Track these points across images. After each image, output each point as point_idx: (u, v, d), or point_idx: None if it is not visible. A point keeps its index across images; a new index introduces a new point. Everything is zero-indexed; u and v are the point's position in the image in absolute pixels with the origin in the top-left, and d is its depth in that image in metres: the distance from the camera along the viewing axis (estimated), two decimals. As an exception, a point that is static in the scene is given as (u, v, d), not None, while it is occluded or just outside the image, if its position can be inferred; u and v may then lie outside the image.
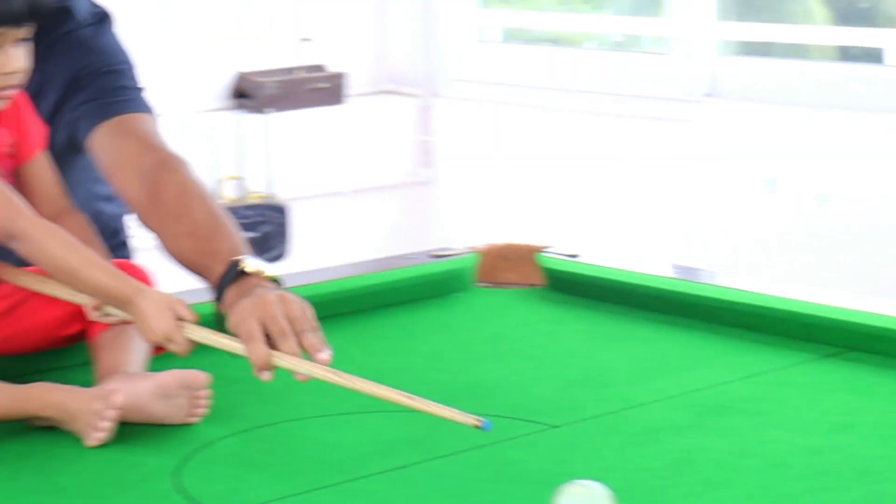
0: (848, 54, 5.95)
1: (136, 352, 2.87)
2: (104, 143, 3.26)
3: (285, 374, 2.71)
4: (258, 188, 6.10)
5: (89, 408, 2.59)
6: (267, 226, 6.01)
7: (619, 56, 6.35)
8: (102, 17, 3.45)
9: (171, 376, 2.68)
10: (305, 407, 2.85)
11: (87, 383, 2.72)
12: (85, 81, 3.34)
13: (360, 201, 6.40)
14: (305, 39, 6.24)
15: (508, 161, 6.18)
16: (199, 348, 2.74)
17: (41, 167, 3.08)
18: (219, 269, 2.84)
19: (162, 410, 2.67)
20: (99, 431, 2.56)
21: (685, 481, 2.41)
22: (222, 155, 6.04)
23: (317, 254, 5.75)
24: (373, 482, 2.44)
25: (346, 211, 6.37)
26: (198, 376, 2.69)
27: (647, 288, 3.46)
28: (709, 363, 3.12)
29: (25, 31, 2.87)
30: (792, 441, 2.56)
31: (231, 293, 2.78)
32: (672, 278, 3.48)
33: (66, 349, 3.00)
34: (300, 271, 3.46)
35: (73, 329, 2.95)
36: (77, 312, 2.91)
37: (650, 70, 5.94)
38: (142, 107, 3.34)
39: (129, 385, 2.67)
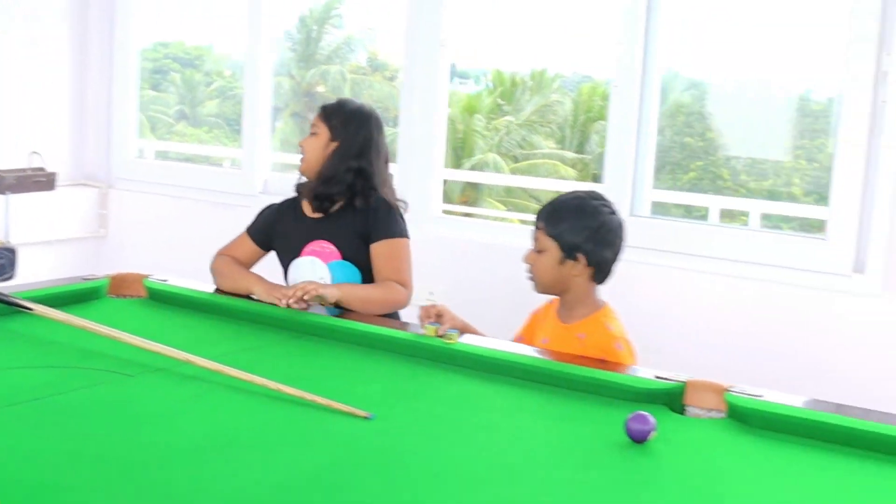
0: None
1: None
2: None
3: None
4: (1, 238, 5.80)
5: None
6: (3, 259, 5.73)
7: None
8: None
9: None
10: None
11: None
12: None
13: (64, 248, 6.15)
14: (35, 153, 6.00)
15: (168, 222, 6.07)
16: None
17: None
18: None
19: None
20: None
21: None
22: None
23: (33, 275, 5.55)
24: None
25: (52, 252, 6.09)
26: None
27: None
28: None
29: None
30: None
31: None
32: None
33: None
34: (23, 283, 3.36)
35: None
36: None
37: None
38: None
39: None
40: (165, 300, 3.39)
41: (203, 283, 3.50)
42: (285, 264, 3.54)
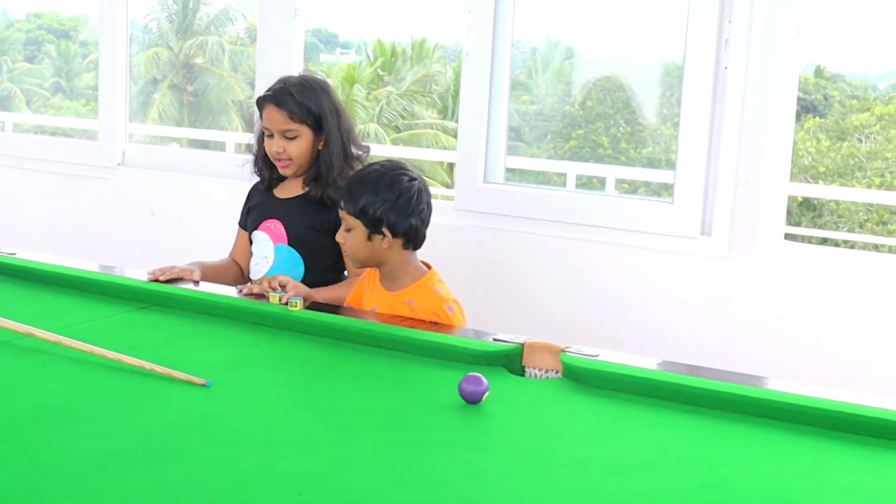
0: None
1: None
2: None
3: None
4: None
5: None
6: None
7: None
8: None
9: None
10: None
11: None
12: None
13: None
14: None
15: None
16: None
17: None
18: None
19: None
20: None
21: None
22: None
23: None
24: None
25: None
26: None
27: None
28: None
29: None
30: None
31: None
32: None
33: None
34: None
35: None
36: None
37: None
38: None
39: None
40: (12, 274, 3.33)
41: (53, 257, 3.44)
42: (250, 234, 3.53)
